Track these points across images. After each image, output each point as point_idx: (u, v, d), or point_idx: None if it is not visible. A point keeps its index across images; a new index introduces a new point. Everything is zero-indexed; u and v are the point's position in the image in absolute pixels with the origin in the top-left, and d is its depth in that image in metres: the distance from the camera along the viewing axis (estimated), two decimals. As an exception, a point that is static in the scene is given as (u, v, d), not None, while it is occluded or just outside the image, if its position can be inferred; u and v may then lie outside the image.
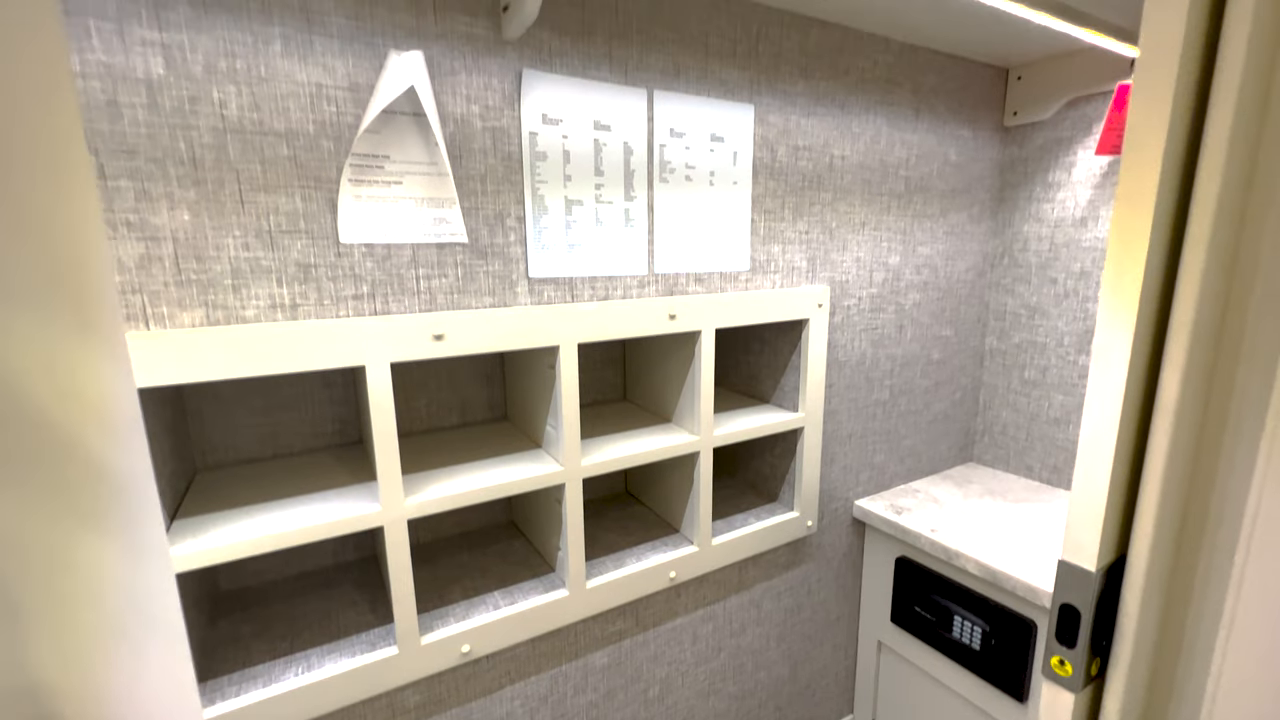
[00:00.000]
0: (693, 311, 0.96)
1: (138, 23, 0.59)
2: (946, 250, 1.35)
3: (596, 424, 1.09)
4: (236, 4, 0.63)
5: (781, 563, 1.26)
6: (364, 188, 0.72)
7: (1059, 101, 1.27)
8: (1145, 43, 0.53)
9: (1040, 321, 1.39)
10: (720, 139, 0.98)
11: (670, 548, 1.08)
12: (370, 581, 0.96)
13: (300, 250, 0.70)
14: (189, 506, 0.76)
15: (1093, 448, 0.59)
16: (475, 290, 0.81)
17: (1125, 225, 0.55)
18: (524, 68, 0.79)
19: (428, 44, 0.73)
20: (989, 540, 1.17)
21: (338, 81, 0.69)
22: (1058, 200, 1.32)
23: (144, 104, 0.60)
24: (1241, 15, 0.50)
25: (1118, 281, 0.56)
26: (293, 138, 0.67)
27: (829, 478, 1.29)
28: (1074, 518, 0.61)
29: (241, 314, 0.68)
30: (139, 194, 0.61)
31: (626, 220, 0.91)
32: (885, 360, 1.31)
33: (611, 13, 0.84)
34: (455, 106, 0.76)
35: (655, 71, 0.90)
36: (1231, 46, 0.51)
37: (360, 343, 0.71)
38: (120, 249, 0.61)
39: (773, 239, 1.08)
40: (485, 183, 0.79)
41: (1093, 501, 0.59)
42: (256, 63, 0.64)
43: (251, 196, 0.66)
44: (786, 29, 1.01)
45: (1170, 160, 0.53)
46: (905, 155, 1.23)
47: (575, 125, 0.84)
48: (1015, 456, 1.48)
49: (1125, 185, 0.55)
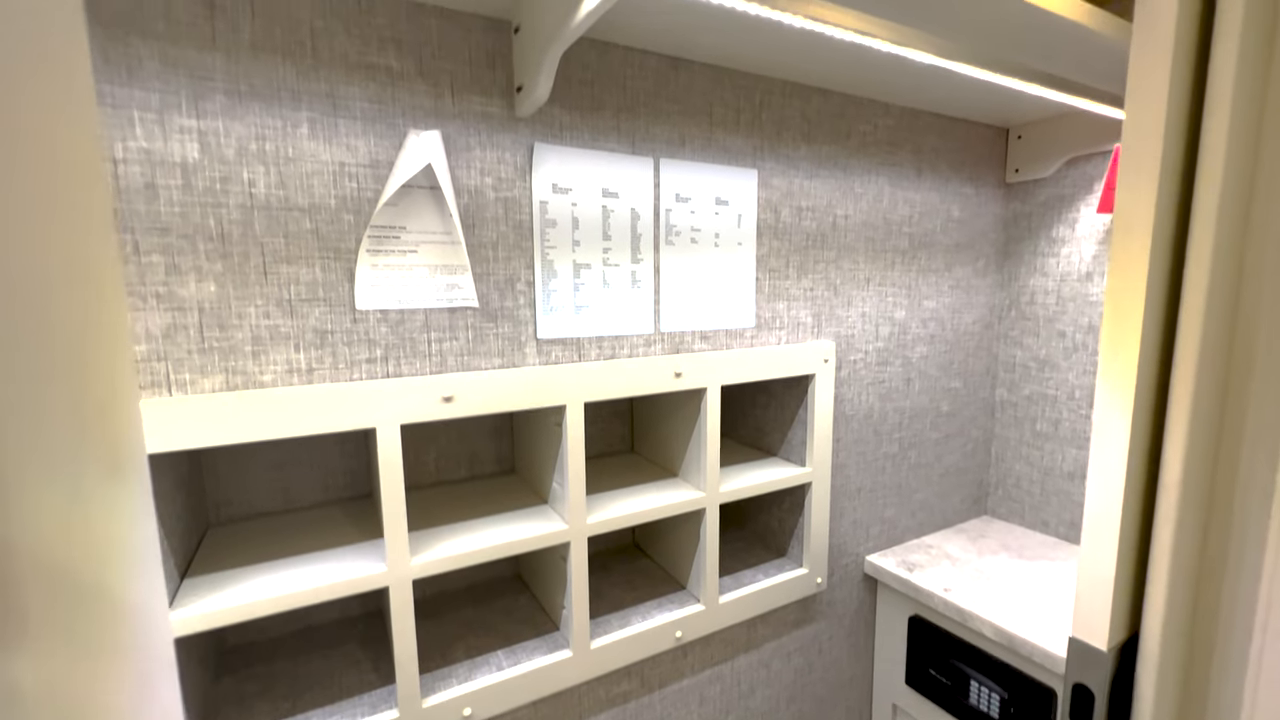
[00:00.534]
0: (698, 369, 0.98)
1: (178, 112, 0.63)
2: (953, 303, 1.36)
3: (603, 477, 1.09)
4: (269, 92, 0.67)
5: (791, 620, 1.23)
6: (381, 257, 0.75)
7: (1059, 160, 1.30)
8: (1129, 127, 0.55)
9: (1050, 374, 1.38)
10: (725, 202, 1.01)
11: (676, 605, 1.06)
12: (375, 638, 0.96)
13: (318, 317, 0.72)
14: (199, 565, 0.77)
15: (1098, 524, 0.59)
16: (485, 352, 0.83)
17: (1118, 303, 0.56)
18: (536, 141, 0.83)
19: (445, 123, 0.77)
20: (1005, 601, 1.14)
21: (359, 159, 0.73)
22: (1062, 255, 1.33)
23: (179, 185, 0.64)
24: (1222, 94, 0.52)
25: (1113, 358, 0.56)
26: (315, 212, 0.71)
27: (839, 532, 1.27)
28: (1083, 593, 0.60)
29: (259, 379, 0.70)
30: (169, 268, 0.65)
31: (633, 282, 0.94)
32: (893, 413, 1.31)
33: (620, 89, 0.89)
34: (470, 179, 0.80)
35: (661, 141, 0.94)
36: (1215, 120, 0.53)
37: (371, 405, 0.73)
38: (149, 319, 0.64)
39: (778, 296, 1.10)
40: (497, 249, 0.83)
41: (1100, 579, 0.59)
42: (285, 144, 0.69)
43: (274, 268, 0.70)
44: (788, 97, 1.05)
45: (1160, 238, 0.54)
46: (908, 213, 1.25)
47: (584, 193, 0.88)
48: (1030, 511, 1.45)
49: (1116, 262, 0.56)
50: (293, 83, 0.69)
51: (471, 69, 0.78)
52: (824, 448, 1.16)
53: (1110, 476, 0.57)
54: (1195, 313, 0.53)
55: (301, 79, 0.69)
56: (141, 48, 0.61)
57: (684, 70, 0.94)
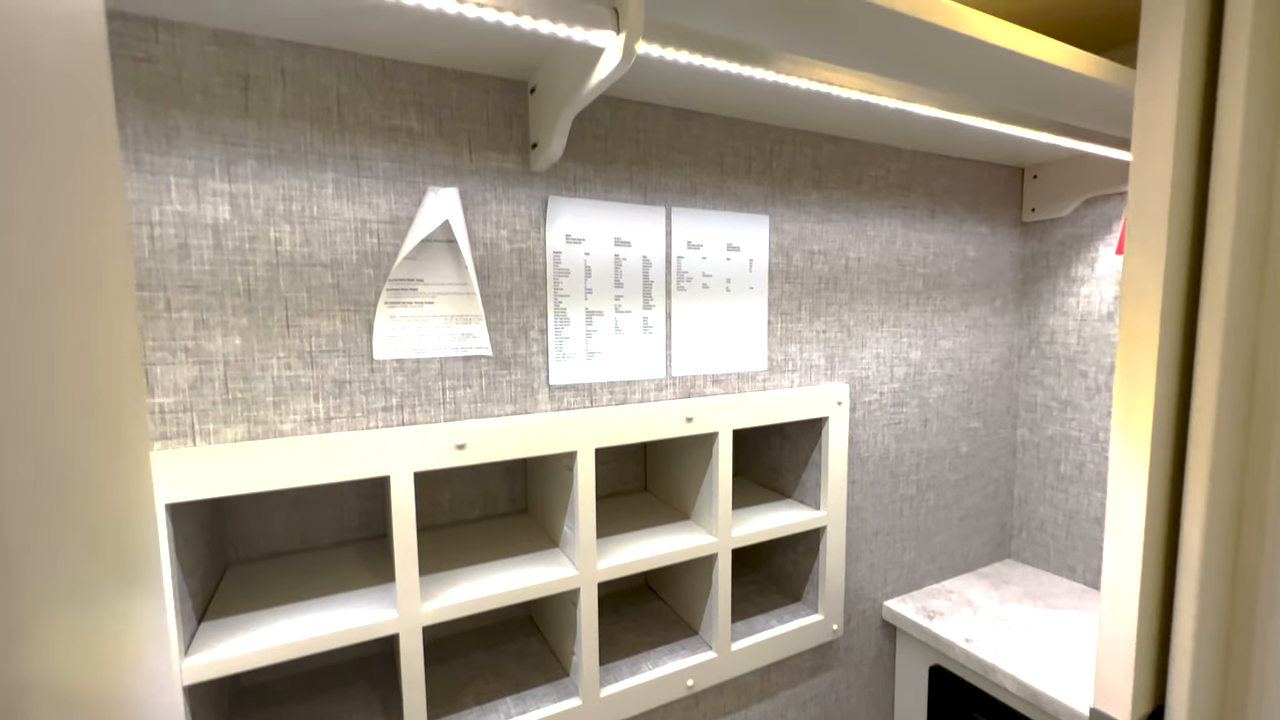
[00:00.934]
0: (709, 414, 0.98)
1: (211, 177, 0.67)
2: (970, 343, 1.35)
3: (615, 517, 1.09)
4: (297, 156, 0.71)
5: (806, 668, 1.20)
6: (399, 308, 0.77)
7: (1077, 200, 1.29)
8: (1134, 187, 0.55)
9: (1073, 415, 1.35)
10: (736, 248, 1.02)
11: (688, 652, 1.05)
12: (386, 680, 0.96)
13: (337, 368, 0.75)
14: (217, 606, 0.79)
15: (1116, 590, 0.57)
16: (498, 399, 0.85)
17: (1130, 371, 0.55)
18: (550, 195, 0.86)
19: (463, 179, 0.80)
20: (1029, 653, 1.10)
21: (380, 216, 0.76)
22: (1082, 294, 1.31)
23: (210, 245, 0.68)
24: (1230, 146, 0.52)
25: (1127, 422, 0.55)
26: (337, 267, 0.74)
27: (855, 577, 1.25)
28: (1103, 662, 0.58)
29: (279, 428, 0.72)
30: (198, 323, 0.68)
31: (645, 328, 0.95)
32: (910, 455, 1.29)
33: (632, 142, 0.91)
34: (486, 231, 0.82)
35: (673, 190, 0.96)
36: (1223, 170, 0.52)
37: (386, 454, 0.74)
38: (177, 373, 0.67)
39: (790, 339, 1.10)
40: (510, 299, 0.85)
41: (1121, 648, 0.57)
42: (310, 204, 0.72)
43: (297, 321, 0.72)
44: (799, 145, 1.07)
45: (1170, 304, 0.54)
46: (922, 253, 1.25)
47: (596, 243, 0.90)
48: (1056, 556, 1.41)
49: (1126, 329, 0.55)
50: (319, 146, 0.72)
51: (489, 128, 0.81)
52: (838, 491, 1.15)
53: (1128, 539, 0.56)
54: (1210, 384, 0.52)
55: (327, 142, 0.72)
56: (180, 119, 0.65)
57: (695, 122, 0.97)
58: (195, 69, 0.66)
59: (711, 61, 0.66)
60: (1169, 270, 0.54)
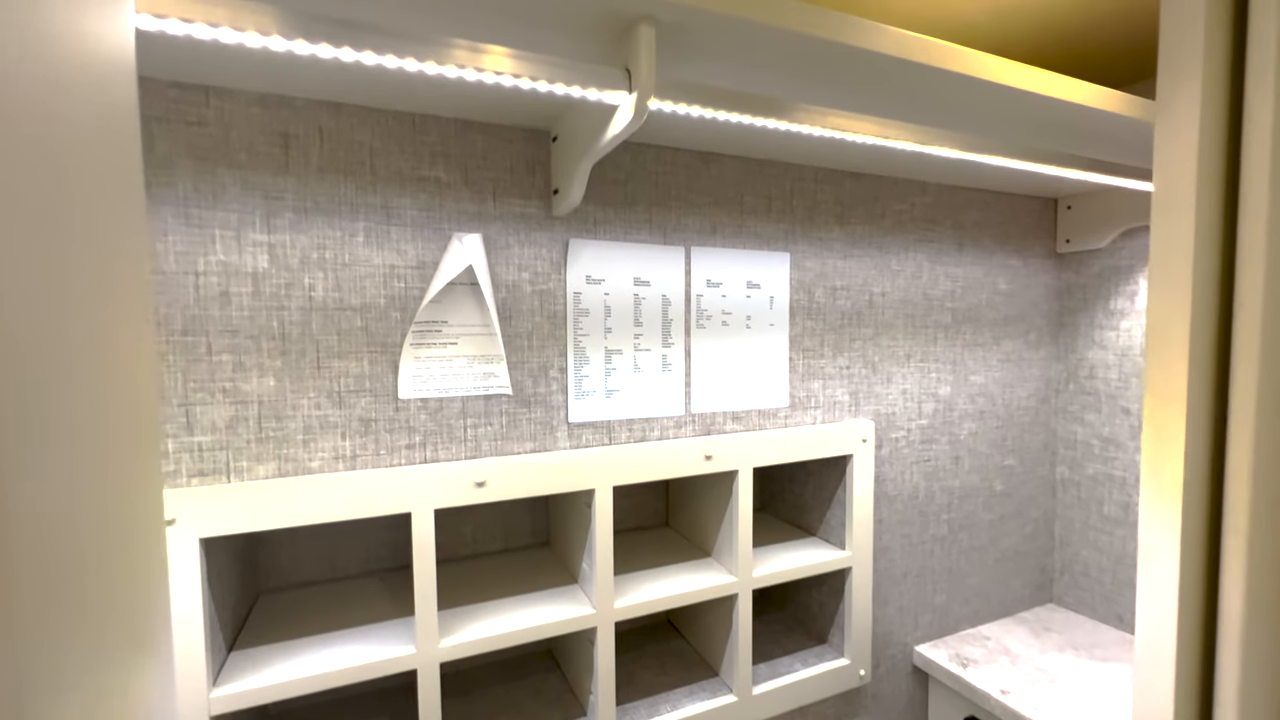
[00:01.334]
0: (729, 451, 0.97)
1: (252, 229, 0.72)
2: (1003, 378, 1.31)
3: (635, 553, 1.09)
4: (331, 207, 0.75)
5: (832, 715, 1.16)
6: (423, 349, 0.80)
7: (1114, 231, 1.25)
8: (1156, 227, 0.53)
9: (1116, 454, 1.29)
10: (756, 285, 1.03)
11: (708, 694, 1.03)
12: (407, 711, 0.97)
13: (364, 407, 0.78)
14: (247, 635, 0.82)
15: (1151, 667, 0.54)
16: (518, 436, 0.87)
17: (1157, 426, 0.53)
18: (571, 238, 0.88)
19: (487, 224, 0.83)
20: (1071, 709, 1.04)
21: (408, 262, 0.79)
22: (1122, 329, 1.27)
23: (249, 292, 0.72)
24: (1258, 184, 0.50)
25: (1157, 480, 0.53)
26: (366, 311, 0.77)
27: (883, 620, 1.21)
28: (1139, 733, 0.55)
29: (308, 465, 0.75)
30: (236, 365, 0.72)
31: (664, 366, 0.96)
32: (941, 493, 1.25)
33: (652, 185, 0.93)
34: (508, 274, 0.85)
35: (693, 231, 0.97)
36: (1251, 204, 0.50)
37: (408, 491, 0.77)
38: (215, 413, 0.71)
39: (812, 376, 1.09)
40: (531, 339, 0.87)
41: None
42: (342, 252, 0.76)
43: (327, 362, 0.76)
44: (820, 183, 1.07)
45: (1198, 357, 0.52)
46: (950, 287, 1.23)
47: (616, 283, 0.92)
48: (1101, 602, 1.34)
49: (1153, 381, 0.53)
50: (352, 197, 0.76)
51: (512, 175, 0.85)
52: (864, 530, 1.12)
53: (1161, 615, 0.53)
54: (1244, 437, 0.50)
55: (360, 193, 0.76)
56: (226, 175, 0.70)
57: (715, 164, 0.98)
58: (241, 130, 0.71)
59: (724, 114, 0.67)
60: (1195, 315, 0.52)
